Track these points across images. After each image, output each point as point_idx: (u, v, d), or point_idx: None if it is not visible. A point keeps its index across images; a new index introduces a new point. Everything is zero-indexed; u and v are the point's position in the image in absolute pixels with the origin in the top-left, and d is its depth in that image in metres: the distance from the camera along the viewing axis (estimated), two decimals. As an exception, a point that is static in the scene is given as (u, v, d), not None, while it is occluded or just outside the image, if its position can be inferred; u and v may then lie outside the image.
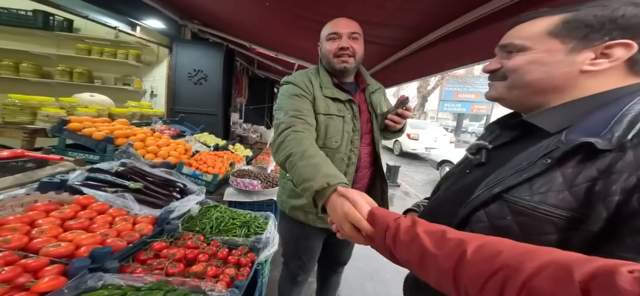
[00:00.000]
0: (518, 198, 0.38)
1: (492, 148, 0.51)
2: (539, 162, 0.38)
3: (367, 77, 1.02)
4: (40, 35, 2.65)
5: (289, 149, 0.69)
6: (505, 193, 0.39)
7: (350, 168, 0.91)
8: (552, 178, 0.36)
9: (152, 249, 0.91)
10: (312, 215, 0.95)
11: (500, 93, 0.49)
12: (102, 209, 0.91)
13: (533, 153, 0.40)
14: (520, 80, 0.45)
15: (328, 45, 0.90)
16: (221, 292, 0.80)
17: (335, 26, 0.89)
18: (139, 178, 1.17)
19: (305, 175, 0.61)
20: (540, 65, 0.43)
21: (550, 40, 0.42)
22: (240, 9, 2.14)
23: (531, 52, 0.44)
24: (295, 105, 0.83)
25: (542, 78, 0.43)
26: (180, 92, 2.99)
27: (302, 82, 0.89)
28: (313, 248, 1.09)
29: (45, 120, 1.60)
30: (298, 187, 0.63)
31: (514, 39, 0.46)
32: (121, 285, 0.69)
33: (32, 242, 0.65)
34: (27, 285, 0.54)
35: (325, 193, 0.56)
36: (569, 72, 0.41)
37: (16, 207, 0.77)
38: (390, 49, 1.93)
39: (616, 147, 0.33)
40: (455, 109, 16.08)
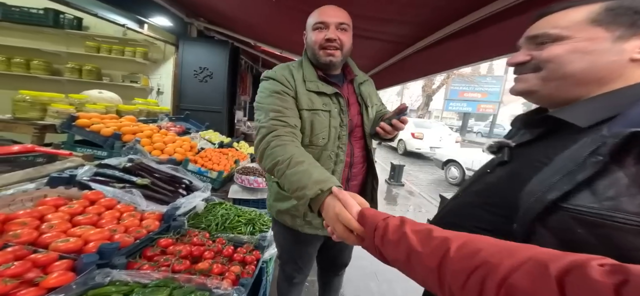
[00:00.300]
0: (582, 207, 0.34)
1: (514, 146, 0.48)
2: (587, 161, 0.35)
3: (355, 68, 0.96)
4: (50, 33, 2.70)
5: (275, 157, 0.68)
6: (563, 202, 0.35)
7: (339, 166, 0.86)
8: (615, 179, 0.33)
9: (159, 245, 0.91)
10: (299, 219, 0.90)
11: (532, 85, 0.45)
12: (110, 205, 0.91)
13: (576, 153, 0.37)
14: (558, 71, 0.42)
15: (314, 35, 0.81)
16: (227, 290, 0.80)
17: (322, 15, 0.80)
18: (146, 174, 1.18)
19: (297, 184, 0.60)
20: (583, 54, 0.40)
21: (593, 28, 0.40)
22: (245, 7, 2.13)
23: (571, 41, 0.41)
24: (275, 104, 0.77)
25: (586, 68, 0.40)
26: (186, 89, 3.01)
27: (283, 76, 0.81)
28: (308, 252, 1.05)
29: (55, 116, 1.63)
30: (292, 196, 0.63)
31: (548, 28, 0.43)
32: (128, 281, 0.69)
33: (42, 237, 0.65)
34: (37, 280, 0.54)
35: (320, 199, 0.56)
36: (617, 61, 0.39)
37: (26, 202, 0.78)
38: (396, 46, 1.90)
39: None
40: (461, 108, 15.85)
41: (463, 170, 4.86)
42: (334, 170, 0.86)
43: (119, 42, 2.94)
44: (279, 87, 0.80)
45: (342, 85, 0.91)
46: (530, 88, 0.46)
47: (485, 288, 0.30)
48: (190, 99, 3.02)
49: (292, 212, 0.90)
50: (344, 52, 0.83)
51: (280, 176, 0.66)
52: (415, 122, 8.13)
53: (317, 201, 0.57)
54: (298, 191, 0.60)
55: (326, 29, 0.80)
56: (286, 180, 0.64)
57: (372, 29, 1.63)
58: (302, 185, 0.59)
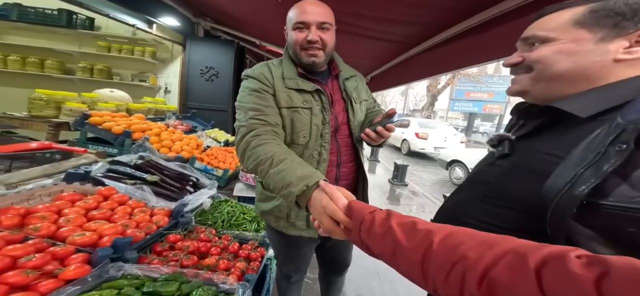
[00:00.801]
0: (625, 203, 0.32)
1: (515, 139, 0.49)
2: (610, 150, 0.33)
3: (340, 63, 0.91)
4: (63, 33, 2.79)
5: (256, 156, 0.66)
6: (601, 199, 0.33)
7: (322, 166, 0.82)
8: None
9: (168, 241, 0.95)
10: (283, 220, 0.87)
11: (525, 85, 0.47)
12: (122, 200, 0.95)
13: (594, 144, 0.36)
14: (546, 71, 0.44)
15: (294, 35, 0.77)
16: (232, 285, 0.83)
17: (302, 13, 0.76)
18: (156, 171, 1.22)
19: (281, 182, 0.59)
20: (568, 55, 0.42)
21: (577, 30, 0.41)
22: (251, 6, 2.15)
23: (557, 43, 0.43)
24: (254, 102, 0.75)
25: (571, 68, 0.42)
26: (192, 88, 3.06)
27: (261, 74, 0.79)
28: (303, 254, 1.02)
29: (68, 114, 1.69)
30: (278, 195, 0.62)
31: (537, 30, 0.46)
32: (139, 275, 0.72)
33: (60, 231, 0.69)
34: (55, 272, 0.57)
35: (306, 195, 0.55)
36: (601, 61, 0.40)
37: (44, 196, 0.82)
38: (401, 46, 1.89)
39: None
40: (467, 109, 15.62)
41: (468, 170, 4.82)
42: (317, 170, 0.83)
43: (129, 42, 3.01)
44: (257, 85, 0.78)
45: (325, 81, 0.87)
46: (523, 89, 0.48)
47: (466, 282, 0.30)
48: (197, 98, 3.07)
49: (275, 212, 0.88)
50: (326, 51, 0.80)
51: (264, 176, 0.64)
52: (420, 122, 8.03)
53: (303, 197, 0.56)
54: (283, 190, 0.58)
55: (307, 29, 0.76)
56: (270, 180, 0.62)
57: (377, 29, 1.63)
58: (286, 183, 0.58)
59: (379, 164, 6.18)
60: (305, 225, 0.87)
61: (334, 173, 0.87)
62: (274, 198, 0.88)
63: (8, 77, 2.75)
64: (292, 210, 0.85)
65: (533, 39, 0.46)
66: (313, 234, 0.87)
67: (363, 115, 0.93)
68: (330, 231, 0.52)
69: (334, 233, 0.51)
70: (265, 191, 0.91)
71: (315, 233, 0.88)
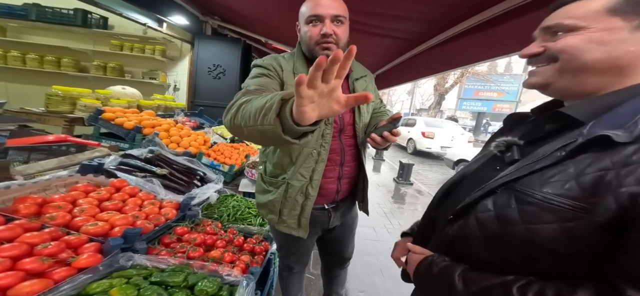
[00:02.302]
0: (526, 188, 0.39)
1: (524, 143, 0.48)
2: (553, 154, 0.38)
3: (352, 63, 0.90)
4: (78, 33, 2.89)
5: (241, 102, 0.59)
6: (515, 183, 0.40)
7: (320, 165, 0.81)
8: (563, 169, 0.37)
9: (175, 233, 0.97)
10: (275, 216, 0.86)
11: (548, 77, 0.44)
12: (133, 192, 0.98)
13: (553, 146, 0.40)
14: (574, 61, 0.41)
15: (308, 29, 0.76)
16: (237, 277, 0.84)
17: (316, 7, 0.74)
18: (165, 165, 1.25)
19: (262, 102, 0.51)
20: (599, 44, 0.39)
21: (610, 18, 0.39)
22: (257, 4, 2.17)
23: (586, 31, 0.40)
24: (259, 82, 0.72)
25: (602, 59, 0.39)
26: (200, 86, 3.12)
27: (270, 64, 0.79)
28: (305, 246, 1.02)
29: (83, 110, 1.75)
30: (259, 121, 0.51)
31: (563, 19, 0.42)
32: (147, 266, 0.75)
33: (74, 220, 0.72)
34: (69, 260, 0.60)
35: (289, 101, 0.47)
36: (636, 51, 0.38)
37: (60, 187, 0.86)
38: (408, 43, 1.87)
39: (636, 140, 0.33)
40: (475, 108, 15.27)
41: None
42: (315, 169, 0.81)
43: (140, 41, 3.09)
44: (265, 71, 0.77)
45: None
46: (545, 81, 0.45)
47: None
48: (204, 95, 3.13)
49: (269, 206, 0.87)
50: (340, 46, 0.77)
51: (245, 112, 0.55)
52: (427, 121, 7.89)
53: (289, 101, 0.47)
54: (267, 103, 0.50)
55: (321, 22, 0.75)
56: (252, 108, 0.53)
57: (382, 25, 1.61)
58: (270, 99, 0.50)
59: (384, 163, 6.13)
60: (296, 224, 0.86)
61: (336, 172, 0.88)
62: (270, 192, 0.87)
63: (27, 74, 2.87)
64: (284, 207, 0.84)
65: (557, 27, 0.43)
66: (303, 234, 0.87)
67: (369, 116, 0.92)
68: (327, 102, 0.43)
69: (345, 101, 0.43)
70: (262, 183, 0.91)
71: (305, 234, 0.87)
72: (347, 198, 0.96)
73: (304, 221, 0.85)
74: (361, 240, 2.38)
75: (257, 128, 0.52)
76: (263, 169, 0.93)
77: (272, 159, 0.86)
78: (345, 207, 0.97)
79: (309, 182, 0.82)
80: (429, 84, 14.01)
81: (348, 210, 1.01)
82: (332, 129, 0.82)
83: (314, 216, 0.88)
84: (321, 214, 0.91)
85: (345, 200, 0.95)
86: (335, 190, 0.88)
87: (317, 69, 0.39)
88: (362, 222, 1.29)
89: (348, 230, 1.10)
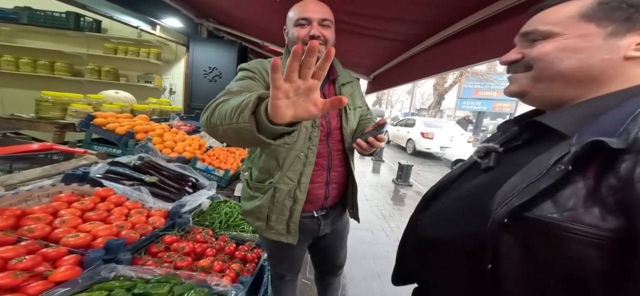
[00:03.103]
0: (543, 216, 0.33)
1: (503, 151, 0.46)
2: (551, 170, 0.34)
3: (338, 68, 0.92)
4: (72, 36, 2.86)
5: (219, 101, 0.60)
6: (527, 211, 0.34)
7: (307, 168, 0.81)
8: (575, 190, 0.32)
9: (163, 242, 0.95)
10: (263, 222, 0.85)
11: (524, 86, 0.43)
12: (119, 201, 0.96)
13: (543, 160, 0.36)
14: (549, 70, 0.40)
15: (296, 31, 0.78)
16: (226, 287, 0.82)
17: (304, 11, 0.77)
18: (154, 172, 1.23)
19: (239, 100, 0.51)
20: (573, 52, 0.38)
21: (584, 24, 0.38)
22: (253, 6, 2.15)
23: (561, 38, 0.39)
24: (242, 84, 0.73)
25: (577, 67, 0.38)
26: (196, 89, 3.09)
27: (255, 67, 0.80)
28: (295, 254, 1.01)
29: (74, 115, 1.73)
30: (234, 119, 0.51)
31: (539, 24, 0.42)
32: (132, 277, 0.72)
33: (54, 232, 0.70)
34: (45, 273, 0.58)
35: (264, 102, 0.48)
36: (610, 59, 0.37)
37: (43, 197, 0.84)
38: (403, 45, 1.85)
39: (633, 147, 0.30)
40: (475, 107, 15.28)
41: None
42: (302, 172, 0.81)
43: (134, 44, 3.06)
44: (249, 74, 0.78)
45: (322, 85, 0.84)
46: (522, 89, 0.44)
47: None
48: (201, 98, 3.10)
49: (256, 213, 0.86)
50: (327, 46, 0.80)
51: (220, 112, 0.55)
52: (426, 121, 7.90)
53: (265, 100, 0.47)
54: (243, 102, 0.50)
55: (309, 25, 0.77)
56: (229, 107, 0.53)
57: (377, 27, 1.60)
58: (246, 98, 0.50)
59: (383, 164, 6.11)
60: (285, 230, 0.84)
61: (324, 176, 0.87)
62: (256, 198, 0.86)
63: (20, 79, 2.84)
64: (272, 213, 0.84)
65: (534, 34, 0.42)
66: (292, 241, 0.86)
67: (356, 122, 0.92)
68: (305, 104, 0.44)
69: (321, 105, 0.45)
70: (248, 190, 0.90)
71: (294, 240, 0.86)
72: (337, 205, 0.96)
73: (293, 226, 0.84)
74: (358, 243, 2.35)
75: (232, 127, 0.51)
76: (249, 175, 0.92)
77: (258, 164, 0.85)
78: (335, 214, 0.97)
79: (297, 186, 0.81)
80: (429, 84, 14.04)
81: (338, 217, 1.01)
82: (320, 132, 0.82)
83: (303, 224, 0.87)
84: (311, 222, 0.90)
85: (335, 207, 0.95)
86: (323, 196, 0.88)
87: (294, 58, 0.38)
88: (359, 225, 1.28)
89: (339, 237, 1.09)
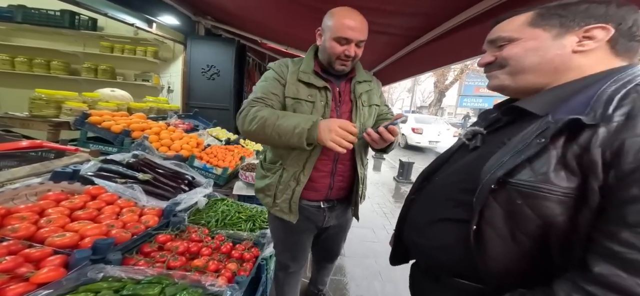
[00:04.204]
0: (522, 181, 0.41)
1: (487, 133, 0.55)
2: (533, 142, 0.41)
3: (358, 68, 0.98)
4: (67, 34, 2.83)
5: (261, 117, 0.79)
6: (509, 178, 0.42)
7: (313, 157, 0.88)
8: (549, 157, 0.40)
9: (157, 241, 0.92)
10: (269, 199, 0.95)
11: (503, 80, 0.53)
12: (111, 200, 0.93)
13: (527, 135, 0.43)
14: (519, 65, 0.50)
15: (333, 45, 0.84)
16: (221, 287, 0.79)
17: (346, 31, 0.82)
18: (149, 170, 1.20)
19: (292, 124, 0.75)
20: (533, 50, 0.48)
21: (534, 30, 0.48)
22: (251, 4, 2.12)
23: (521, 41, 0.49)
24: (264, 88, 0.89)
25: (539, 62, 0.48)
26: (194, 87, 3.06)
27: (279, 67, 0.92)
28: (301, 242, 1.08)
29: (68, 113, 1.70)
30: (288, 139, 0.76)
31: (501, 33, 0.52)
32: (122, 278, 0.69)
33: (39, 232, 0.66)
34: (27, 275, 0.55)
35: (315, 126, 0.74)
36: (562, 54, 0.46)
37: (30, 196, 0.81)
38: (403, 39, 1.81)
39: (599, 121, 0.38)
40: (476, 104, 15.23)
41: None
42: (308, 159, 0.89)
43: (131, 42, 3.03)
44: (273, 74, 0.91)
45: (338, 82, 0.94)
46: (501, 84, 0.54)
47: None
48: (199, 97, 3.07)
49: (265, 190, 0.96)
50: (354, 62, 0.91)
51: (272, 128, 0.78)
52: (417, 117, 8.85)
53: (313, 129, 0.73)
54: (296, 128, 0.74)
55: (347, 44, 0.84)
56: (280, 129, 0.77)
57: (377, 21, 1.56)
58: (296, 123, 0.75)
59: (384, 162, 6.08)
60: (287, 208, 0.93)
61: (330, 167, 0.93)
62: (267, 177, 0.96)
63: (16, 78, 2.81)
64: (278, 191, 0.93)
65: (499, 40, 0.52)
66: (293, 219, 0.94)
67: (372, 119, 0.98)
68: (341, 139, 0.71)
69: (347, 137, 0.72)
70: (261, 170, 1.01)
71: (295, 219, 0.94)
72: (343, 200, 1.01)
73: (294, 206, 0.92)
74: (359, 242, 2.32)
75: (282, 142, 0.78)
76: (263, 157, 1.04)
77: (272, 149, 0.97)
78: (341, 209, 1.03)
79: (301, 170, 0.90)
80: (429, 81, 13.97)
81: (344, 212, 1.06)
82: None
83: (310, 212, 0.96)
84: (317, 212, 0.97)
85: (341, 201, 1.01)
86: (327, 185, 0.94)
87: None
88: (360, 223, 1.36)
89: (341, 230, 1.18)
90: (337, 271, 1.90)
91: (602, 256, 0.35)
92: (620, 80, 0.41)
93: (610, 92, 0.39)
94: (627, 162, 0.34)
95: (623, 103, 0.38)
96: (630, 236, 0.33)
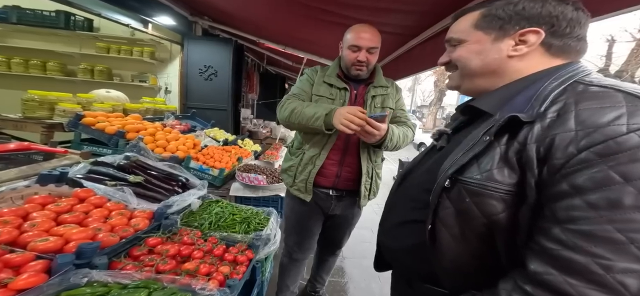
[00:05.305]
0: (470, 179, 0.41)
1: (451, 133, 0.57)
2: (480, 139, 0.42)
3: (378, 75, 1.13)
4: (63, 35, 2.81)
5: (293, 107, 1.04)
6: (460, 176, 0.42)
7: (328, 145, 1.07)
8: (493, 155, 0.40)
9: (147, 244, 0.90)
10: (291, 178, 1.15)
11: (456, 81, 0.55)
12: (100, 203, 0.91)
13: (476, 134, 0.44)
14: (466, 68, 0.51)
15: (348, 53, 1.05)
16: (212, 291, 0.77)
17: (358, 39, 1.02)
18: (141, 172, 1.18)
19: (312, 111, 0.98)
20: (476, 53, 0.49)
21: (477, 32, 0.49)
22: (248, 3, 2.10)
23: (467, 44, 0.50)
24: (298, 87, 1.14)
25: (481, 65, 0.49)
26: (192, 87, 3.04)
27: (311, 71, 1.16)
28: (310, 228, 1.22)
29: (62, 115, 1.68)
30: (309, 122, 0.98)
31: (453, 34, 0.53)
32: (108, 282, 0.67)
33: (22, 236, 0.64)
34: (5, 281, 0.53)
35: (331, 113, 0.93)
36: (499, 58, 0.47)
37: (16, 199, 0.79)
38: (401, 38, 1.80)
39: (535, 118, 0.39)
40: (477, 103, 15.19)
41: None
42: (324, 147, 1.08)
43: (127, 43, 3.01)
44: (305, 77, 1.16)
45: (357, 86, 1.12)
46: (456, 84, 0.55)
47: None
48: (196, 97, 3.05)
49: (288, 171, 1.16)
50: (369, 67, 1.08)
51: (298, 115, 1.01)
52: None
53: (330, 115, 0.93)
54: (316, 114, 0.96)
55: (359, 51, 1.03)
56: (303, 115, 1.00)
57: (372, 20, 1.54)
58: (317, 110, 0.97)
59: (384, 162, 6.06)
60: (304, 188, 1.12)
61: (338, 157, 1.10)
62: (291, 160, 1.17)
63: (11, 79, 2.80)
64: (298, 172, 1.13)
65: (452, 41, 0.53)
66: (307, 198, 1.12)
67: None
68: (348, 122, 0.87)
69: (354, 120, 0.87)
70: (288, 154, 1.21)
71: (308, 197, 1.12)
72: (350, 193, 1.16)
73: (309, 186, 1.11)
74: (358, 242, 2.30)
75: (307, 126, 1.01)
76: (291, 144, 1.24)
77: (299, 137, 1.18)
78: (348, 201, 1.18)
79: (318, 154, 1.09)
80: (430, 81, 13.95)
81: (350, 205, 1.20)
82: None
83: (319, 196, 1.14)
84: (326, 198, 1.15)
85: (349, 194, 1.15)
86: (335, 173, 1.11)
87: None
88: (359, 223, 1.35)
89: (346, 222, 1.29)
90: (335, 273, 1.88)
91: (535, 253, 0.35)
92: (560, 77, 0.41)
93: (549, 90, 0.40)
94: (557, 157, 0.34)
95: (558, 100, 0.38)
96: (559, 233, 0.33)
